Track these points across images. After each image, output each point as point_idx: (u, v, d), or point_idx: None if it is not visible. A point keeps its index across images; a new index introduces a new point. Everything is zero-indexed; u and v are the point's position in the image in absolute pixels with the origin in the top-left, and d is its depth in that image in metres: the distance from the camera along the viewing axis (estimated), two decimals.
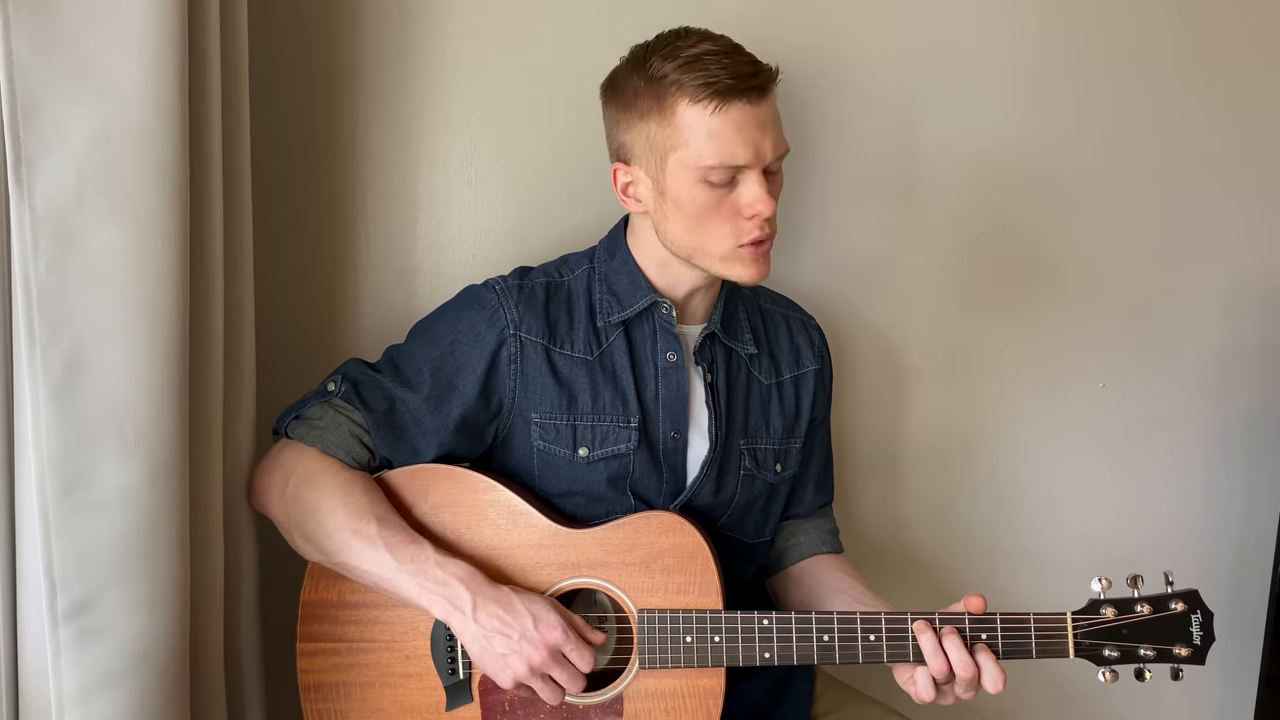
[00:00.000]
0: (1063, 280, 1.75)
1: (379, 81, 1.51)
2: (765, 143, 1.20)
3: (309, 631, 1.26)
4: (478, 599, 1.17)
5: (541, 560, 1.24)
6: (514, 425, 1.29)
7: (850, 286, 1.69)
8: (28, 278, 1.01)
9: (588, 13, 1.54)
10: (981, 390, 1.76)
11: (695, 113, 1.18)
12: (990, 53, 1.67)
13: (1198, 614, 1.16)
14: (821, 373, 1.44)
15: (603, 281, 1.32)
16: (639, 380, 1.30)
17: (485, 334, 1.27)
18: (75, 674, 1.06)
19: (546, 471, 1.29)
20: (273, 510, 1.27)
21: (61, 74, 1.00)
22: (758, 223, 1.21)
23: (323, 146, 1.51)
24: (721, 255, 1.23)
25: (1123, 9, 1.69)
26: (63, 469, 1.03)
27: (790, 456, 1.41)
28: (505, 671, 1.17)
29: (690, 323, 1.35)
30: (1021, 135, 1.69)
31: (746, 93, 1.18)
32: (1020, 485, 1.79)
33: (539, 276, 1.33)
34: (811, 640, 1.19)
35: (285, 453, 1.27)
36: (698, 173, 1.19)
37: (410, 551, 1.19)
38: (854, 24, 1.62)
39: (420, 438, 1.27)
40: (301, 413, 1.28)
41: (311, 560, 1.26)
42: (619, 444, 1.29)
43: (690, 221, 1.22)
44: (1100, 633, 1.17)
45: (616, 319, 1.30)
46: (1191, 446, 1.83)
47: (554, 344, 1.28)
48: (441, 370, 1.27)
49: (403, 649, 1.25)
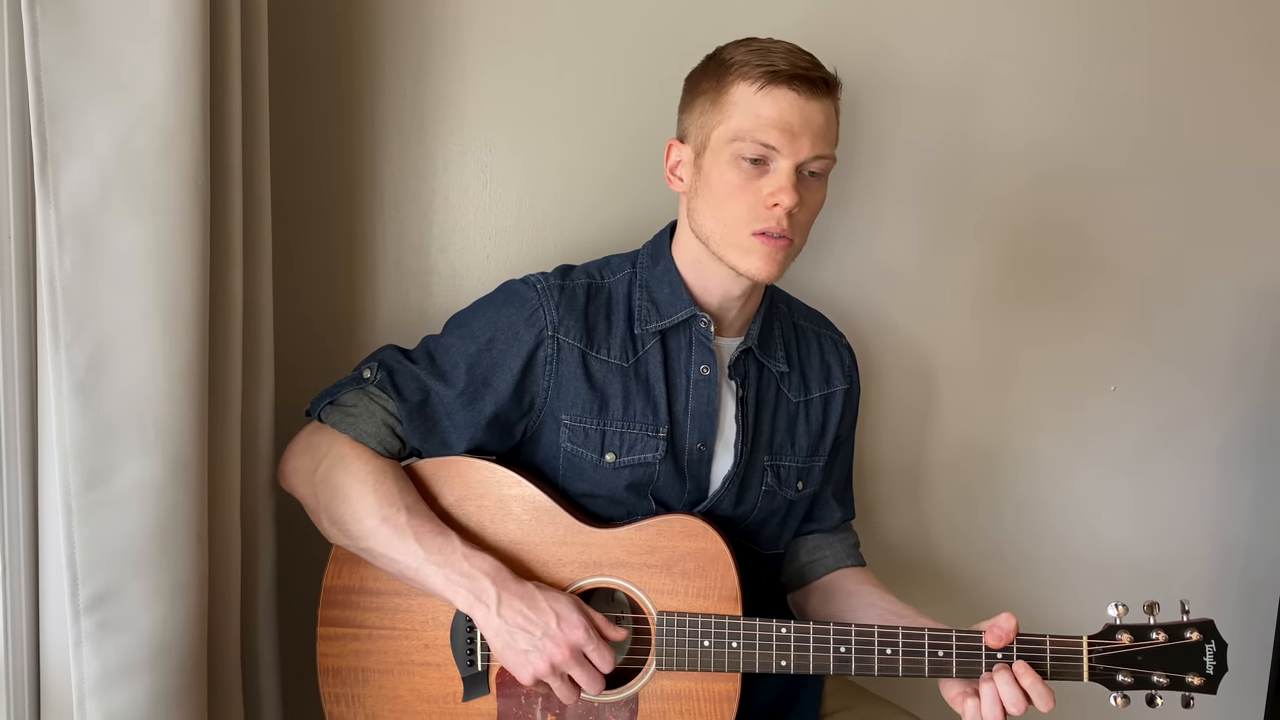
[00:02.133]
0: (1089, 291, 1.75)
1: (396, 84, 1.52)
2: (803, 138, 1.20)
3: (330, 616, 1.28)
4: (503, 594, 1.18)
5: (563, 557, 1.25)
6: (543, 424, 1.30)
7: (880, 296, 1.69)
8: (53, 275, 1.03)
9: (604, 17, 1.55)
10: (1005, 401, 1.76)
11: (744, 89, 1.21)
12: (1026, 64, 1.67)
13: (1212, 644, 1.17)
14: (850, 393, 1.44)
15: (643, 288, 1.32)
16: (671, 390, 1.30)
17: (524, 333, 1.27)
18: (95, 664, 1.08)
19: (571, 472, 1.30)
20: (301, 492, 1.28)
21: (87, 77, 1.02)
22: (776, 213, 1.21)
23: (340, 148, 1.53)
24: (736, 241, 1.23)
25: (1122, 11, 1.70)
26: (85, 463, 1.05)
27: (812, 474, 1.40)
28: (526, 668, 1.18)
29: (727, 335, 1.34)
30: (1055, 145, 1.69)
31: (794, 81, 1.20)
32: (1043, 495, 1.79)
33: (581, 277, 1.33)
34: (828, 651, 1.20)
35: (317, 436, 1.28)
36: (733, 147, 1.21)
37: (438, 542, 1.20)
38: (890, 34, 1.63)
39: (452, 431, 1.28)
40: (336, 398, 1.28)
41: (337, 544, 1.27)
42: (646, 452, 1.29)
43: (716, 200, 1.23)
44: (1115, 658, 1.17)
45: (654, 328, 1.30)
46: (1213, 456, 1.82)
47: (590, 348, 1.28)
48: (478, 366, 1.27)
49: (422, 638, 1.26)
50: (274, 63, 1.34)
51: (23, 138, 1.05)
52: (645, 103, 1.56)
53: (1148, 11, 1.70)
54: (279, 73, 1.41)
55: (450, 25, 1.52)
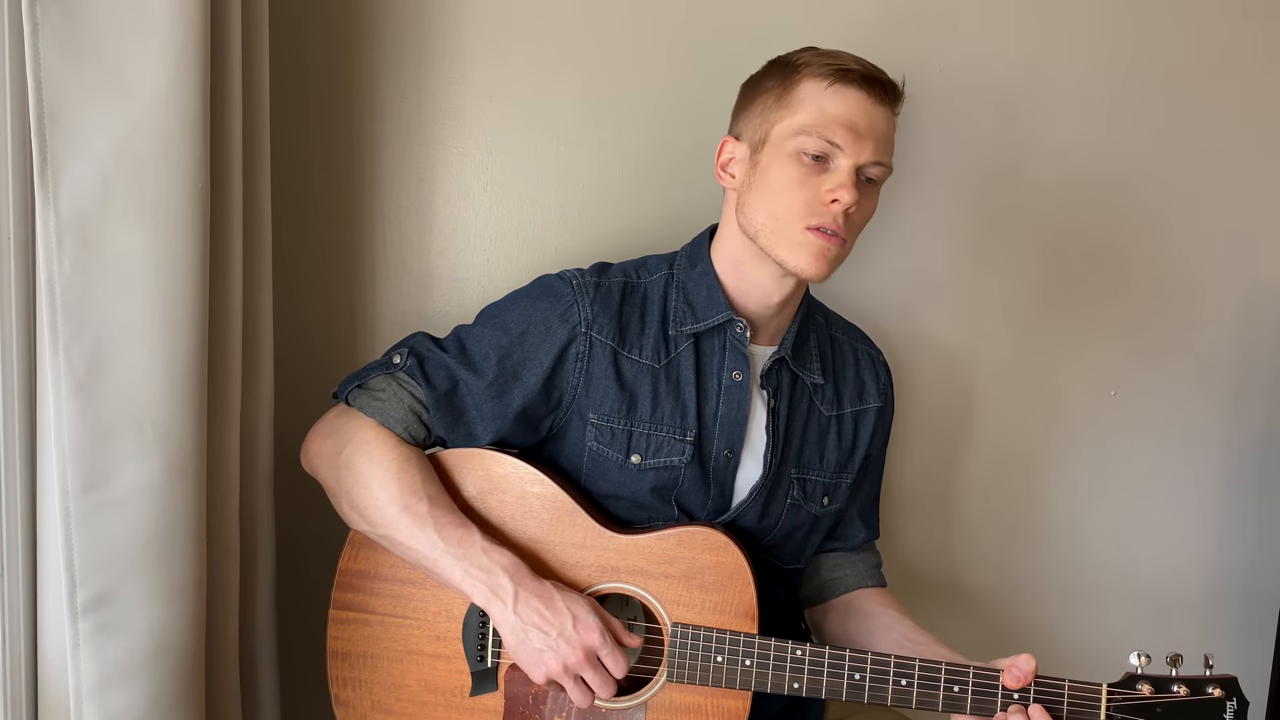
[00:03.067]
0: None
1: (397, 87, 1.53)
2: (867, 141, 1.21)
3: (343, 599, 1.27)
4: (520, 590, 1.18)
5: (581, 560, 1.25)
6: (570, 421, 1.29)
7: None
8: (52, 277, 1.03)
9: (607, 19, 1.55)
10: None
11: (813, 86, 1.21)
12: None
13: (1233, 701, 1.14)
14: (883, 410, 1.42)
15: (680, 289, 1.31)
16: (701, 395, 1.29)
17: (557, 328, 1.27)
18: (93, 666, 1.08)
19: (595, 471, 1.29)
20: (323, 474, 1.27)
21: (87, 79, 1.02)
22: (834, 209, 1.20)
23: (341, 151, 1.53)
24: (788, 237, 1.22)
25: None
26: (83, 465, 1.05)
27: (839, 491, 1.39)
28: (539, 667, 1.18)
29: (762, 343, 1.33)
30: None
31: (864, 83, 1.20)
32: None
33: (617, 276, 1.32)
34: (842, 677, 1.18)
35: (343, 419, 1.27)
36: (796, 142, 1.20)
37: (458, 534, 1.20)
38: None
39: (479, 422, 1.27)
40: (364, 381, 1.28)
41: (356, 529, 1.26)
42: (672, 456, 1.28)
43: (772, 194, 1.22)
44: (1134, 709, 1.15)
45: (689, 330, 1.29)
46: (1254, 482, 1.81)
47: (623, 347, 1.28)
48: (509, 359, 1.26)
49: (434, 629, 1.26)
50: (274, 65, 1.34)
51: (23, 139, 1.05)
52: (648, 107, 1.56)
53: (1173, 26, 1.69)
54: (279, 75, 1.41)
55: (450, 28, 1.53)
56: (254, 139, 1.27)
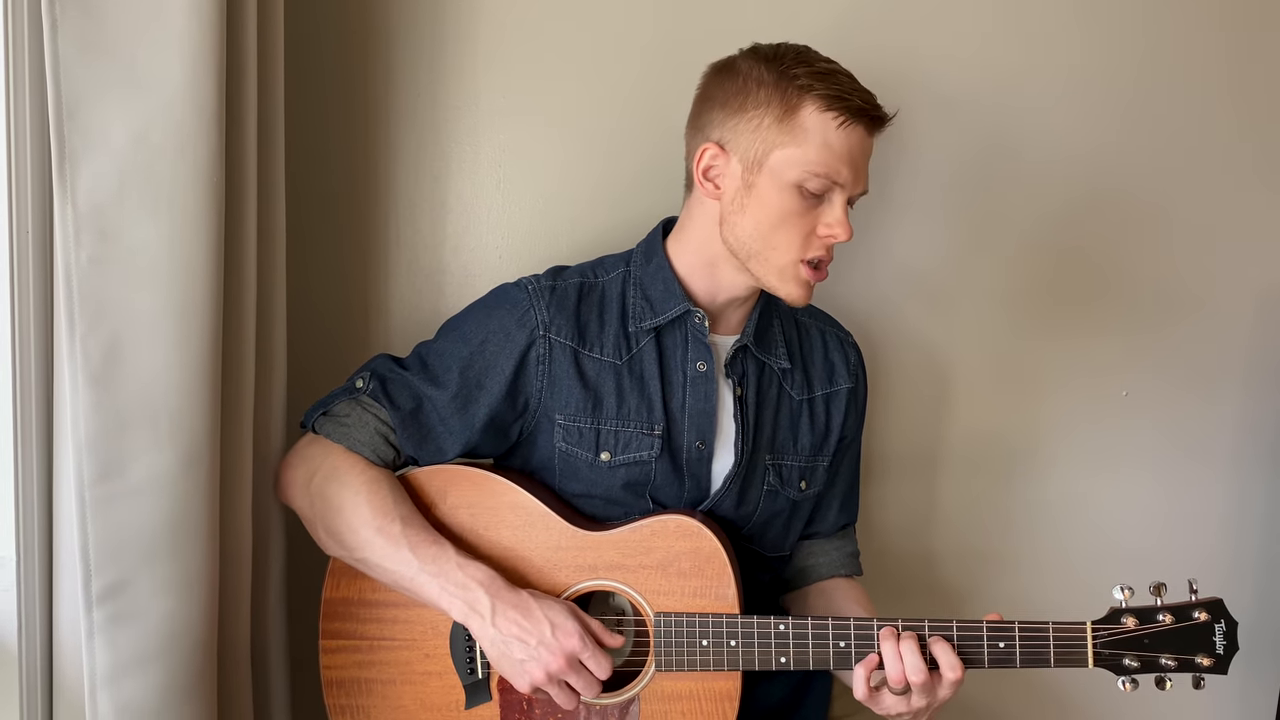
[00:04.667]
0: (1104, 294, 1.74)
1: (411, 84, 1.53)
2: (863, 175, 1.25)
3: (331, 629, 1.28)
4: (497, 603, 1.18)
5: (559, 562, 1.25)
6: (539, 425, 1.30)
7: (896, 297, 1.68)
8: (69, 270, 1.04)
9: (619, 19, 1.56)
10: (1016, 400, 1.75)
11: (821, 119, 1.20)
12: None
13: (1221, 623, 1.14)
14: (855, 391, 1.43)
15: (637, 286, 1.32)
16: (666, 388, 1.30)
17: (515, 334, 1.28)
18: (107, 655, 1.10)
19: (567, 472, 1.30)
20: (297, 504, 1.29)
21: (105, 74, 1.03)
22: (829, 244, 1.24)
23: (355, 147, 1.54)
24: (780, 266, 1.24)
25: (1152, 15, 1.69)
26: (99, 455, 1.07)
27: (816, 474, 1.40)
28: (523, 677, 1.18)
29: (723, 332, 1.34)
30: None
31: (869, 121, 1.22)
32: (1050, 496, 1.78)
33: (573, 277, 1.33)
34: (828, 645, 1.20)
35: (311, 448, 1.29)
36: (798, 175, 1.20)
37: (432, 552, 1.20)
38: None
39: (446, 436, 1.28)
40: (329, 409, 1.29)
41: (334, 556, 1.28)
42: (641, 450, 1.29)
43: (767, 223, 1.23)
44: (1121, 642, 1.15)
45: (648, 325, 1.30)
46: (1223, 455, 1.81)
47: (583, 346, 1.29)
48: (470, 369, 1.28)
49: (422, 647, 1.27)
50: (289, 61, 1.35)
51: (42, 133, 1.07)
52: (661, 104, 1.56)
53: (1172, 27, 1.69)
54: (294, 71, 1.42)
55: (465, 25, 1.53)
56: (269, 135, 1.28)
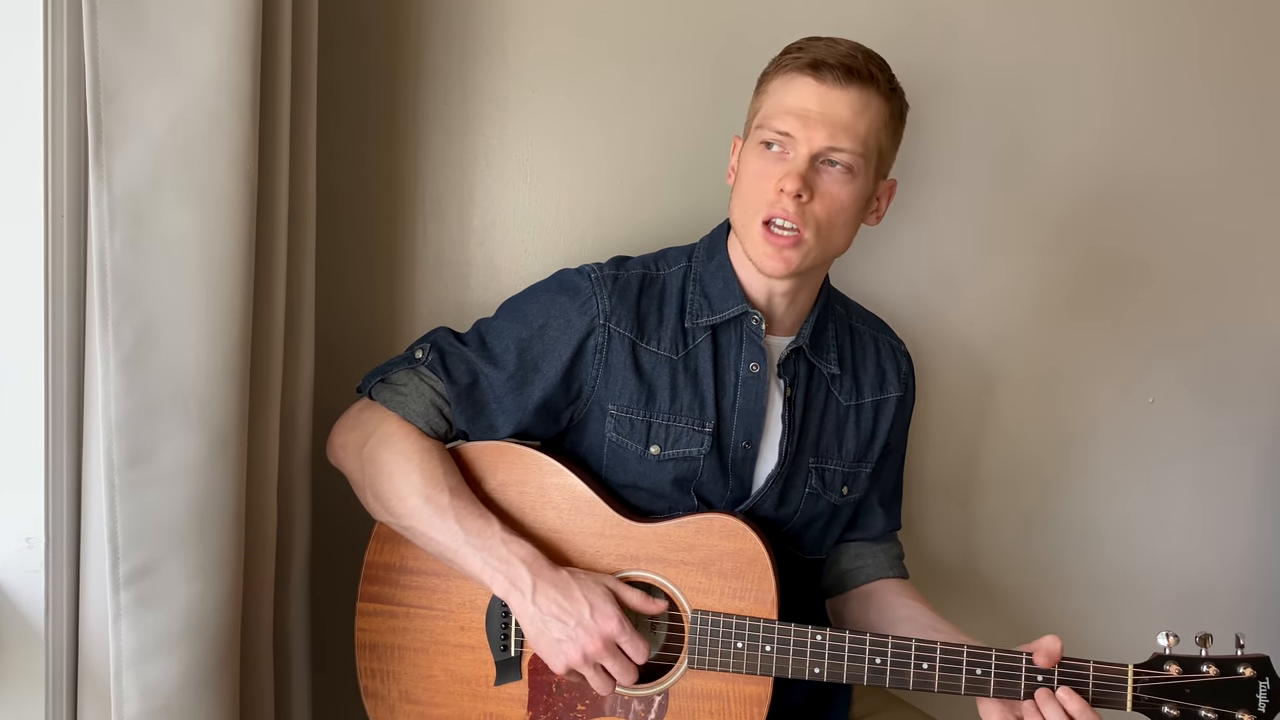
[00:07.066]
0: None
1: (442, 77, 1.54)
2: (820, 126, 1.19)
3: (369, 592, 1.29)
4: (538, 581, 1.18)
5: (601, 549, 1.26)
6: (590, 413, 1.30)
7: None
8: (103, 254, 1.05)
9: (652, 12, 1.56)
10: (1062, 413, 1.73)
11: (781, 78, 1.24)
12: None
13: (1266, 681, 1.12)
14: (904, 400, 1.42)
15: (697, 282, 1.32)
16: (719, 387, 1.30)
17: (576, 321, 1.28)
18: (133, 637, 1.10)
19: (615, 463, 1.30)
20: (347, 467, 1.29)
21: (143, 59, 1.04)
22: (782, 200, 1.20)
23: (384, 139, 1.54)
24: (751, 231, 1.24)
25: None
26: (129, 439, 1.07)
27: (858, 480, 1.39)
28: (559, 657, 1.18)
29: (779, 333, 1.34)
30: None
31: (820, 71, 1.20)
32: (1097, 512, 1.76)
33: (635, 268, 1.33)
34: (863, 661, 1.18)
35: (366, 413, 1.29)
36: (757, 134, 1.24)
37: (478, 525, 1.21)
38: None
39: (499, 415, 1.29)
40: (387, 376, 1.30)
41: (380, 520, 1.28)
42: (691, 447, 1.29)
43: (741, 187, 1.26)
44: (1161, 689, 1.13)
45: (705, 322, 1.30)
46: (1265, 477, 1.79)
47: (641, 339, 1.29)
48: (528, 351, 1.28)
49: (458, 619, 1.27)
50: (322, 53, 1.35)
51: (79, 118, 1.07)
52: (690, 100, 1.56)
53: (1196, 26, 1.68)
54: (326, 64, 1.42)
55: (496, 19, 1.54)
56: (301, 125, 1.29)
